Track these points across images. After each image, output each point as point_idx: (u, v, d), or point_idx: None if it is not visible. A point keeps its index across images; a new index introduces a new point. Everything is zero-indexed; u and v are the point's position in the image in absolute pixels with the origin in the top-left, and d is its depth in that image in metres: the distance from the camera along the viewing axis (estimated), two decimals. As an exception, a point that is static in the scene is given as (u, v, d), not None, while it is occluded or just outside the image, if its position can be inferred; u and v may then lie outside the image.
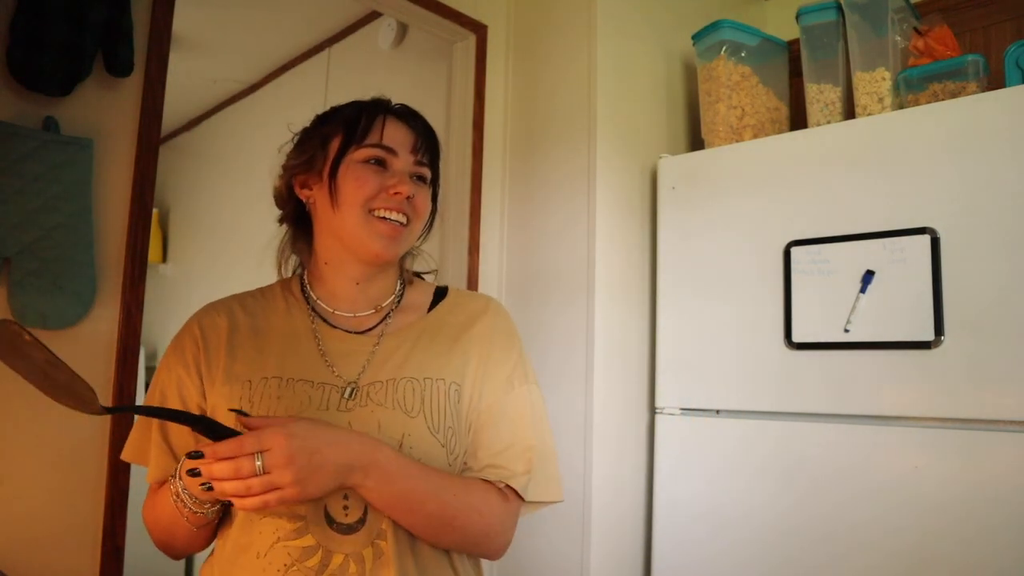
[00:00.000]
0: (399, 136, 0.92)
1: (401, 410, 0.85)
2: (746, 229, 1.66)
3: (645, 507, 1.79)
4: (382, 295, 0.96)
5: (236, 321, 0.93)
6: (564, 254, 1.78)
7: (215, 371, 0.88)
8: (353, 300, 0.94)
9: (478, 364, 0.92)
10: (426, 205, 0.94)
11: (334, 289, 0.95)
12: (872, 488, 1.40)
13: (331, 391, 0.86)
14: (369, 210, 0.89)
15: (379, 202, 0.89)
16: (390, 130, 0.92)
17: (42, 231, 1.18)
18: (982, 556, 1.27)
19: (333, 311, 0.94)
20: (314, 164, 0.93)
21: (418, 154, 0.93)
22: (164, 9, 1.36)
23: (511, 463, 0.89)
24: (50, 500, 1.19)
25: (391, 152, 0.91)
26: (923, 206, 1.42)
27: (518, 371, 0.95)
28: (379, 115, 0.93)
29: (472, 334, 0.94)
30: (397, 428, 0.84)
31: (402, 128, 0.93)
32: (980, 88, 1.53)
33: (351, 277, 0.94)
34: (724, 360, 1.65)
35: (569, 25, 1.86)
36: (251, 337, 0.91)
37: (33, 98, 1.20)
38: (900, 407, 1.40)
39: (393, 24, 2.43)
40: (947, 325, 1.36)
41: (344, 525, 0.80)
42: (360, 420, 0.84)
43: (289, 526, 0.80)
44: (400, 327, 0.94)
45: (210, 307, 0.95)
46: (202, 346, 0.90)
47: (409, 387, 0.87)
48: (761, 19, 2.34)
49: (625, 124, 1.84)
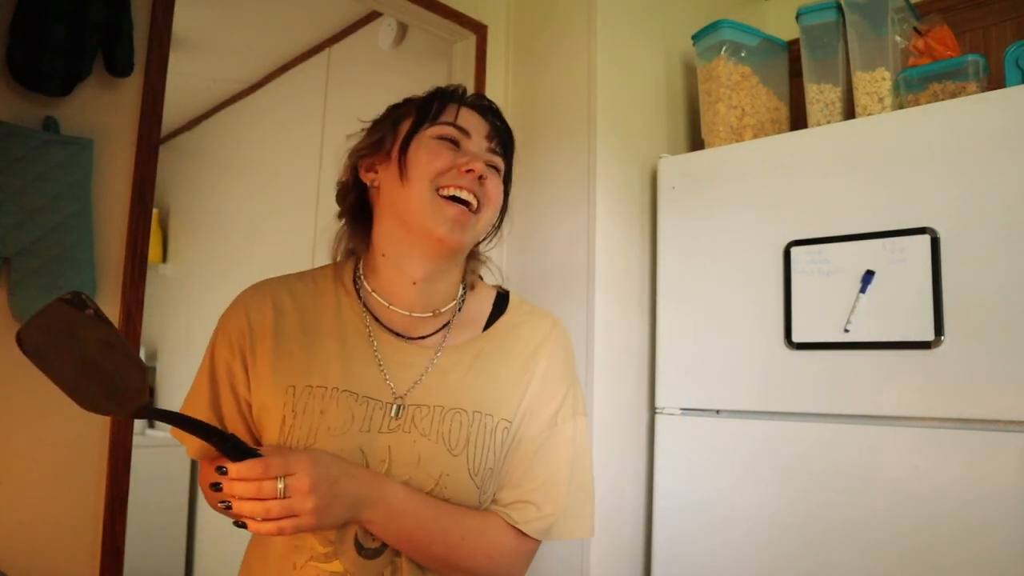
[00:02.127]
0: (474, 121, 0.89)
1: (445, 446, 0.81)
2: (746, 229, 1.65)
3: (645, 507, 1.79)
4: (442, 300, 0.90)
5: (283, 311, 0.87)
6: (564, 254, 1.78)
7: (260, 366, 0.84)
8: (411, 301, 0.88)
9: (531, 398, 0.88)
10: (498, 193, 0.88)
11: (391, 284, 0.88)
12: (872, 488, 1.40)
13: (376, 408, 0.82)
14: (437, 188, 0.83)
15: (449, 179, 0.83)
16: (465, 115, 0.89)
17: (42, 231, 1.18)
18: (982, 556, 1.27)
19: (388, 306, 0.87)
20: (383, 145, 0.88)
21: (492, 142, 0.89)
22: (164, 9, 1.36)
23: (541, 501, 0.85)
24: (50, 500, 1.19)
25: (465, 133, 0.87)
26: (923, 206, 1.42)
27: (567, 405, 0.90)
28: (454, 101, 0.89)
29: (532, 368, 0.89)
30: (437, 466, 0.80)
31: (477, 116, 0.90)
32: (980, 88, 1.53)
33: (409, 275, 0.87)
34: (724, 360, 1.65)
35: (569, 25, 1.86)
36: (298, 333, 0.85)
37: (33, 98, 1.20)
38: (900, 407, 1.40)
39: (393, 24, 2.43)
40: (947, 325, 1.36)
41: (370, 550, 0.79)
42: (400, 447, 0.80)
43: (321, 549, 0.78)
44: (458, 343, 0.88)
45: (256, 290, 0.90)
46: (248, 337, 0.85)
47: (457, 420, 0.82)
48: (761, 19, 2.34)
49: (625, 124, 1.84)
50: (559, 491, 0.86)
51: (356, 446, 0.79)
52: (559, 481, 0.87)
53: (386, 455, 0.79)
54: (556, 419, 0.89)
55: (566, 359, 0.93)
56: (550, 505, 0.85)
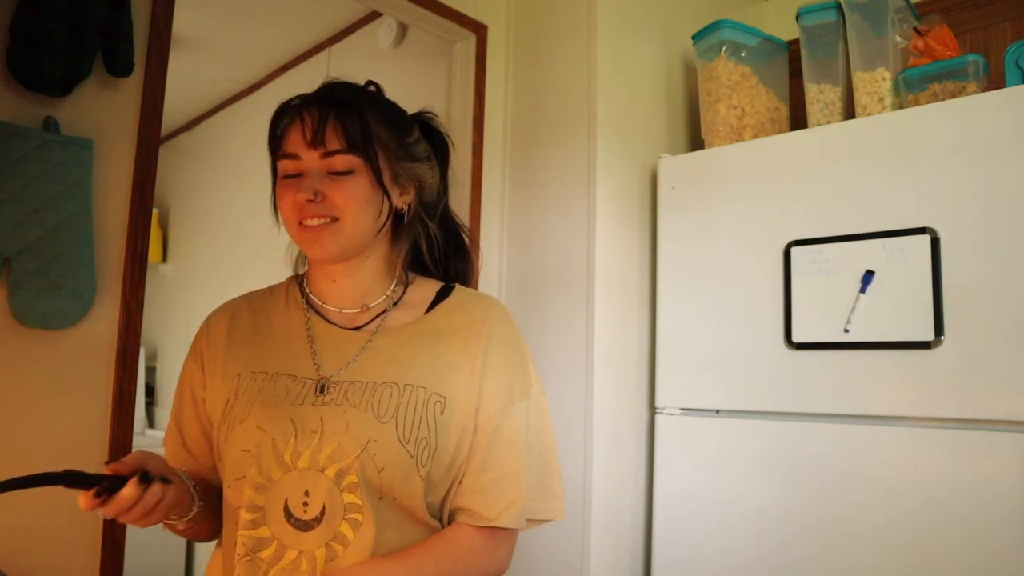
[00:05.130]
0: (297, 137, 0.87)
1: (373, 414, 0.84)
2: (746, 229, 1.65)
3: (645, 507, 1.79)
4: (366, 293, 0.94)
5: (239, 319, 0.96)
6: (564, 254, 1.78)
7: (215, 366, 0.93)
8: (337, 298, 0.95)
9: (470, 377, 0.89)
10: (350, 195, 0.86)
11: (319, 286, 0.96)
12: (872, 488, 1.40)
13: (308, 385, 0.87)
14: (296, 223, 0.88)
15: (297, 214, 0.87)
16: (294, 132, 0.87)
17: (42, 231, 1.18)
18: (982, 556, 1.27)
19: (322, 304, 0.95)
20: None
21: (318, 148, 0.86)
22: (164, 9, 1.36)
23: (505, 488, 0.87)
24: (50, 500, 1.19)
25: (295, 158, 0.87)
26: (923, 206, 1.42)
27: (517, 384, 0.91)
28: (289, 118, 0.89)
29: (466, 344, 0.91)
30: (364, 432, 0.82)
31: (308, 122, 0.86)
32: (980, 88, 1.53)
33: (326, 276, 0.95)
34: (724, 360, 1.65)
35: (569, 25, 1.86)
36: (249, 334, 0.94)
37: (33, 98, 1.20)
38: (900, 407, 1.40)
39: (393, 24, 2.43)
40: (947, 325, 1.36)
41: (301, 521, 0.80)
42: (331, 417, 0.84)
43: (248, 516, 0.81)
44: (395, 326, 0.92)
45: (222, 305, 1.00)
46: (205, 343, 0.95)
47: (387, 392, 0.85)
48: (761, 19, 2.34)
49: (625, 124, 1.84)
50: (519, 476, 0.88)
51: (286, 416, 0.84)
52: (518, 465, 0.88)
53: (318, 425, 0.83)
54: (507, 403, 0.90)
55: (507, 339, 0.94)
56: (513, 491, 0.87)
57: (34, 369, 1.18)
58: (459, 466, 0.88)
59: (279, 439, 0.82)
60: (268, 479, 0.81)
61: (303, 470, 0.81)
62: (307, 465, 0.81)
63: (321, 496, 0.80)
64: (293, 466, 0.81)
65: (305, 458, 0.81)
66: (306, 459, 0.81)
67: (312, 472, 0.80)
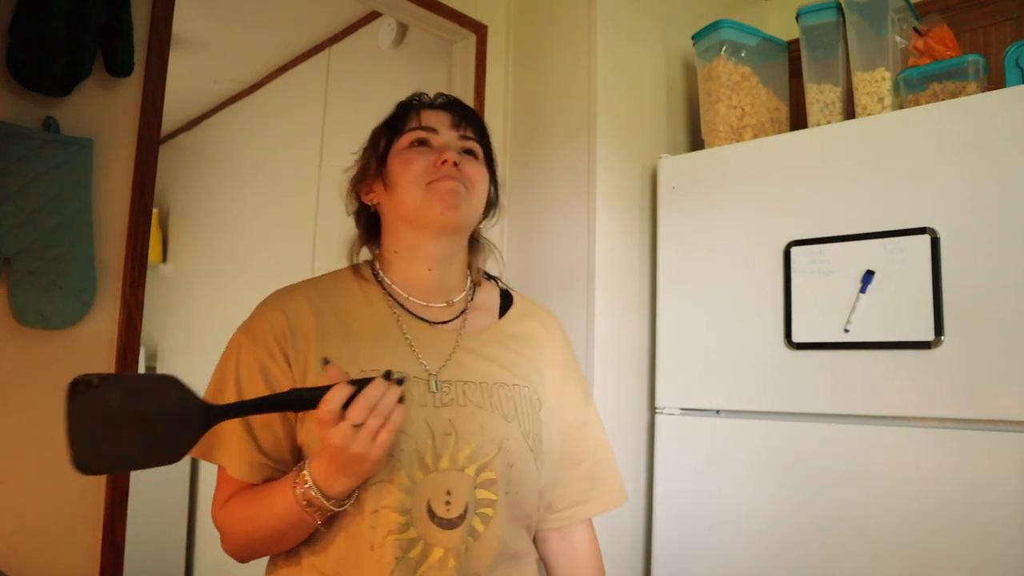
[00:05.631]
0: (437, 118, 0.96)
1: (500, 414, 0.89)
2: (746, 229, 1.65)
3: (645, 507, 1.79)
4: (454, 288, 0.98)
5: (318, 307, 0.91)
6: (564, 254, 1.78)
7: (307, 358, 0.86)
8: (426, 289, 0.96)
9: (551, 380, 0.98)
10: (479, 175, 0.95)
11: (406, 275, 0.96)
12: (872, 488, 1.40)
13: (423, 385, 0.87)
14: (423, 184, 0.91)
15: (430, 175, 0.91)
16: (427, 115, 0.96)
17: (42, 231, 1.18)
18: (982, 556, 1.27)
19: (407, 296, 0.95)
20: (370, 168, 0.98)
21: (460, 129, 0.96)
22: (164, 9, 1.36)
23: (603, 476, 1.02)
24: (50, 500, 1.19)
25: (431, 131, 0.95)
26: (923, 206, 1.42)
27: (585, 388, 1.05)
28: (415, 108, 0.97)
29: (544, 351, 1.00)
30: (498, 432, 0.88)
31: (442, 113, 0.97)
32: (980, 88, 1.53)
33: (423, 261, 0.95)
34: (724, 360, 1.65)
35: (569, 25, 1.86)
36: (337, 325, 0.89)
37: (33, 98, 1.20)
38: (900, 407, 1.40)
39: (393, 24, 2.43)
40: (947, 325, 1.36)
41: (445, 520, 0.83)
42: (461, 418, 0.86)
43: (399, 520, 0.82)
44: (478, 327, 0.97)
45: (285, 293, 0.93)
46: (287, 332, 0.87)
47: (502, 392, 0.91)
48: (761, 19, 2.34)
49: (625, 124, 1.84)
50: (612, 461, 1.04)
51: (420, 419, 0.85)
52: (609, 454, 1.04)
53: (450, 427, 0.85)
54: (584, 406, 1.03)
55: (572, 349, 1.06)
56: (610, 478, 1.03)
57: (34, 369, 1.18)
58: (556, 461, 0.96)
59: (420, 442, 0.83)
60: (412, 481, 0.83)
61: (444, 471, 0.84)
62: (448, 466, 0.84)
63: (463, 495, 0.84)
64: (435, 468, 0.84)
65: (446, 459, 0.84)
66: (447, 460, 0.84)
67: (453, 472, 0.84)
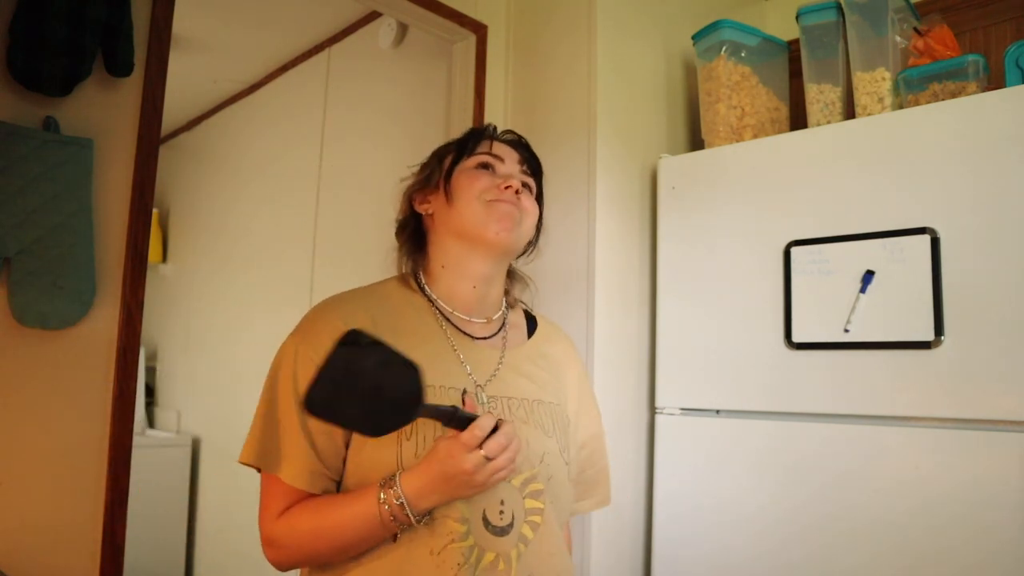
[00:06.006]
0: (505, 150, 1.04)
1: (541, 430, 0.96)
2: (746, 229, 1.65)
3: (645, 507, 1.79)
4: (493, 306, 1.04)
5: (374, 315, 0.95)
6: (564, 254, 1.78)
7: None
8: (469, 305, 1.00)
9: (572, 400, 1.06)
10: (533, 208, 1.02)
11: (451, 290, 1.00)
12: (872, 488, 1.40)
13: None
14: (485, 201, 0.97)
15: (492, 195, 0.97)
16: (497, 146, 1.04)
17: (42, 231, 1.18)
18: (982, 556, 1.27)
19: (452, 311, 0.99)
20: (431, 179, 1.03)
21: (523, 165, 1.04)
22: (164, 9, 1.36)
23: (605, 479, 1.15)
24: (50, 500, 1.19)
25: (498, 159, 1.02)
26: (923, 206, 1.42)
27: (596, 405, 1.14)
28: (487, 136, 1.05)
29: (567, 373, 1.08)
30: (541, 445, 0.94)
31: (507, 147, 1.05)
32: (980, 88, 1.53)
33: (469, 278, 0.99)
34: (724, 360, 1.65)
35: (569, 25, 1.86)
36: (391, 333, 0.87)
37: (33, 98, 1.20)
38: (900, 407, 1.40)
39: (393, 24, 2.42)
40: (947, 325, 1.36)
41: (499, 528, 0.89)
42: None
43: (460, 528, 0.87)
44: (516, 344, 1.03)
45: (339, 300, 0.97)
46: None
47: (542, 409, 0.98)
48: (761, 19, 2.34)
49: (625, 124, 1.84)
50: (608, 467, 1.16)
51: None
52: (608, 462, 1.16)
53: None
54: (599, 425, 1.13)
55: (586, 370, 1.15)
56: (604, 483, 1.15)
57: (34, 369, 1.18)
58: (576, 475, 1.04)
59: None
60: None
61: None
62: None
63: (513, 504, 0.90)
64: None
65: None
66: None
67: (504, 484, 0.89)
